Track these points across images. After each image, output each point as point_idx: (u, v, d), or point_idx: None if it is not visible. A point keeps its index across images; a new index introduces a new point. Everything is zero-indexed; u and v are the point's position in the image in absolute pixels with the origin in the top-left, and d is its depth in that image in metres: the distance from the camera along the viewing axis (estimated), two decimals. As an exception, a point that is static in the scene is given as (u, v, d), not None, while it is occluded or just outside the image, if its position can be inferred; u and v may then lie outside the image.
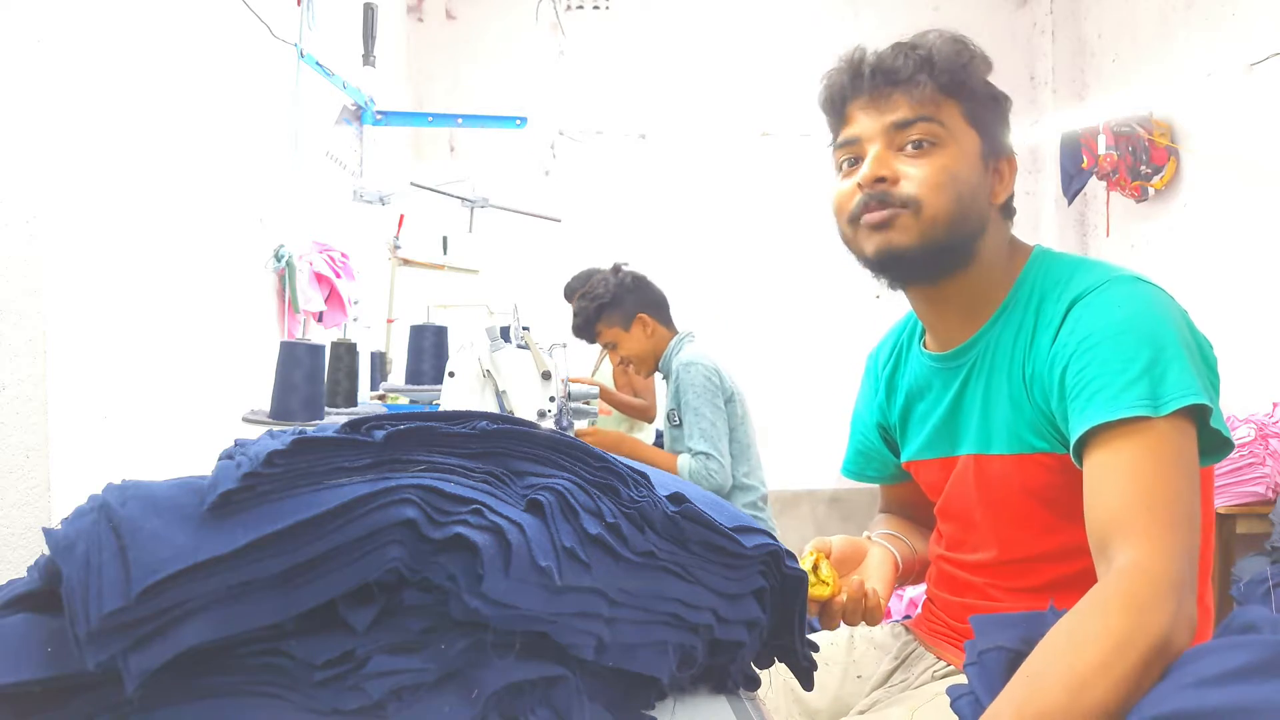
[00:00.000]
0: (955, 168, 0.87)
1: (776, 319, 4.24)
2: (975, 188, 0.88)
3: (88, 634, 0.41)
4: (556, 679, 0.50)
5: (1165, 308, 0.81)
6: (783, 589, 0.66)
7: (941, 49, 0.89)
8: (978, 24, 4.14)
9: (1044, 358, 0.84)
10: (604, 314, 2.21)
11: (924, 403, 1.01)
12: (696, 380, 2.09)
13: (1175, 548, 0.69)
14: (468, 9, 4.20)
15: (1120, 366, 0.75)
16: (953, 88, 0.88)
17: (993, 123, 0.91)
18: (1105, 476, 0.74)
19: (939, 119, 0.88)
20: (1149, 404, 0.73)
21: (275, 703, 0.45)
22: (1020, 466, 0.88)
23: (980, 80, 0.91)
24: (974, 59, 0.91)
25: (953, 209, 0.86)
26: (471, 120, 2.41)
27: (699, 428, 2.05)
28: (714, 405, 2.08)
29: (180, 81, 1.64)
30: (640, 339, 2.21)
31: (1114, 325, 0.78)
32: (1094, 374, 0.77)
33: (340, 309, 2.36)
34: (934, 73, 0.88)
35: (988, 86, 0.92)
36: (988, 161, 0.90)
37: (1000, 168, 0.92)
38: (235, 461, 0.48)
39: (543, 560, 0.49)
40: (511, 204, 2.28)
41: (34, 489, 0.92)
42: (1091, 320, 0.80)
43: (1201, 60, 3.07)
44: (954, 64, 0.88)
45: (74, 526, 0.46)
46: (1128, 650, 0.62)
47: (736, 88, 4.25)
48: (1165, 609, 0.65)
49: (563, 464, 0.57)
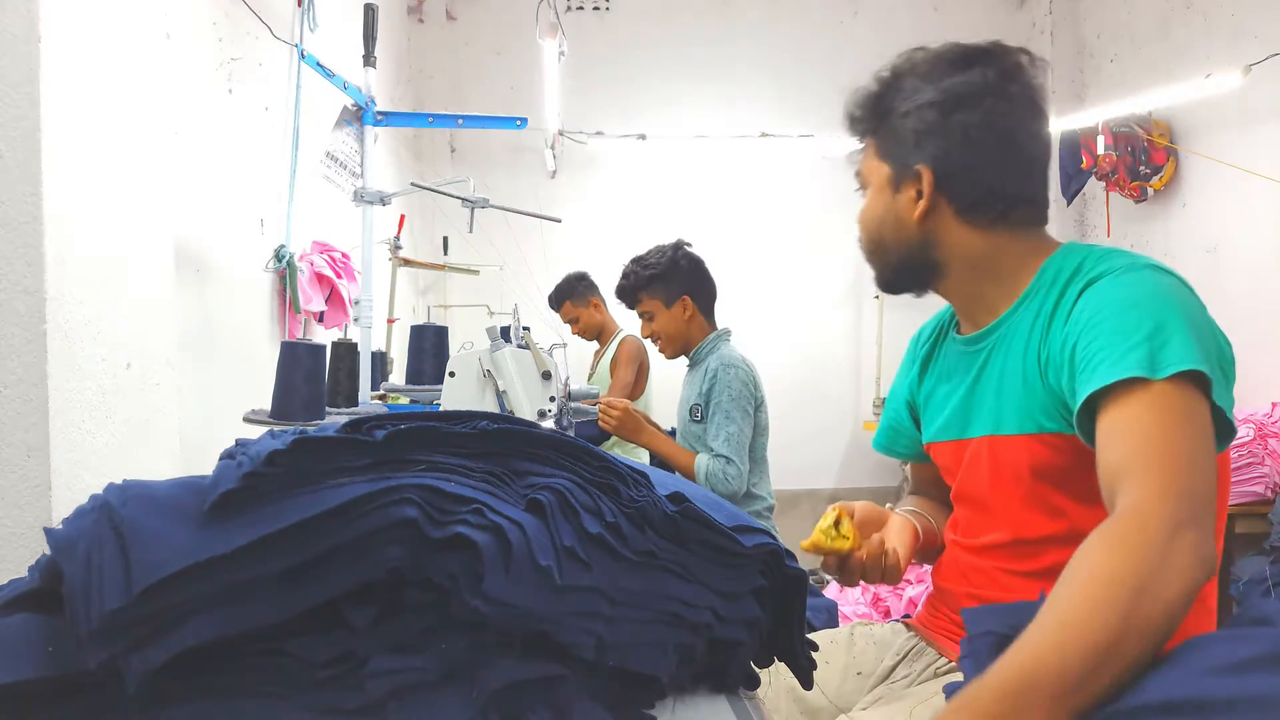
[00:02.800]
0: (867, 208, 1.00)
1: (776, 318, 4.24)
2: (883, 218, 0.97)
3: (89, 633, 0.41)
4: (556, 678, 0.50)
5: (1177, 291, 0.82)
6: (782, 588, 0.66)
7: (861, 96, 0.99)
8: (977, 24, 4.14)
9: (1058, 337, 0.85)
10: (652, 284, 2.18)
11: (948, 385, 1.03)
12: (734, 384, 2.06)
13: (1169, 489, 0.67)
14: (468, 10, 4.20)
15: (1123, 336, 0.77)
16: (871, 129, 0.99)
17: (902, 145, 0.94)
18: (1109, 436, 0.75)
19: (862, 169, 1.01)
20: (1147, 366, 0.73)
21: (276, 702, 0.45)
22: (1030, 447, 0.89)
23: (907, 102, 0.94)
24: (887, 90, 0.96)
25: (868, 244, 1.01)
26: (472, 121, 2.41)
27: (726, 431, 2.03)
28: (744, 412, 2.06)
29: (181, 82, 1.64)
30: (678, 319, 2.18)
31: (1122, 302, 0.80)
32: (1099, 346, 0.78)
33: (341, 309, 2.36)
34: (854, 125, 1.00)
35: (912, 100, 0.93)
36: (897, 186, 0.96)
37: (915, 186, 0.94)
38: (236, 461, 0.48)
39: (543, 559, 0.49)
40: (511, 204, 2.28)
41: (35, 488, 0.91)
42: (1101, 299, 0.82)
43: (1200, 61, 3.07)
44: (866, 108, 0.98)
45: (75, 526, 0.46)
46: (1115, 588, 0.61)
47: (736, 88, 4.25)
48: (1153, 547, 0.63)
49: (563, 464, 0.58)
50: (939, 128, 0.91)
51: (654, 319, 2.20)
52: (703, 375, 2.13)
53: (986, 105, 0.90)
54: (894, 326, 4.25)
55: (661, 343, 2.22)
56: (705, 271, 2.24)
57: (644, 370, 3.17)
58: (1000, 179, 0.92)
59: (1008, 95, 0.91)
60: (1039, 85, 0.94)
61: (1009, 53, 0.93)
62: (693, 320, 2.20)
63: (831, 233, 4.31)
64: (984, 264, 0.94)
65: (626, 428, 2.11)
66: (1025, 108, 0.92)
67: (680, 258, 2.20)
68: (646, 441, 2.12)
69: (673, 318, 2.18)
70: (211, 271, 1.82)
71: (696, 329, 2.21)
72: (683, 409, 2.23)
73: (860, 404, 4.32)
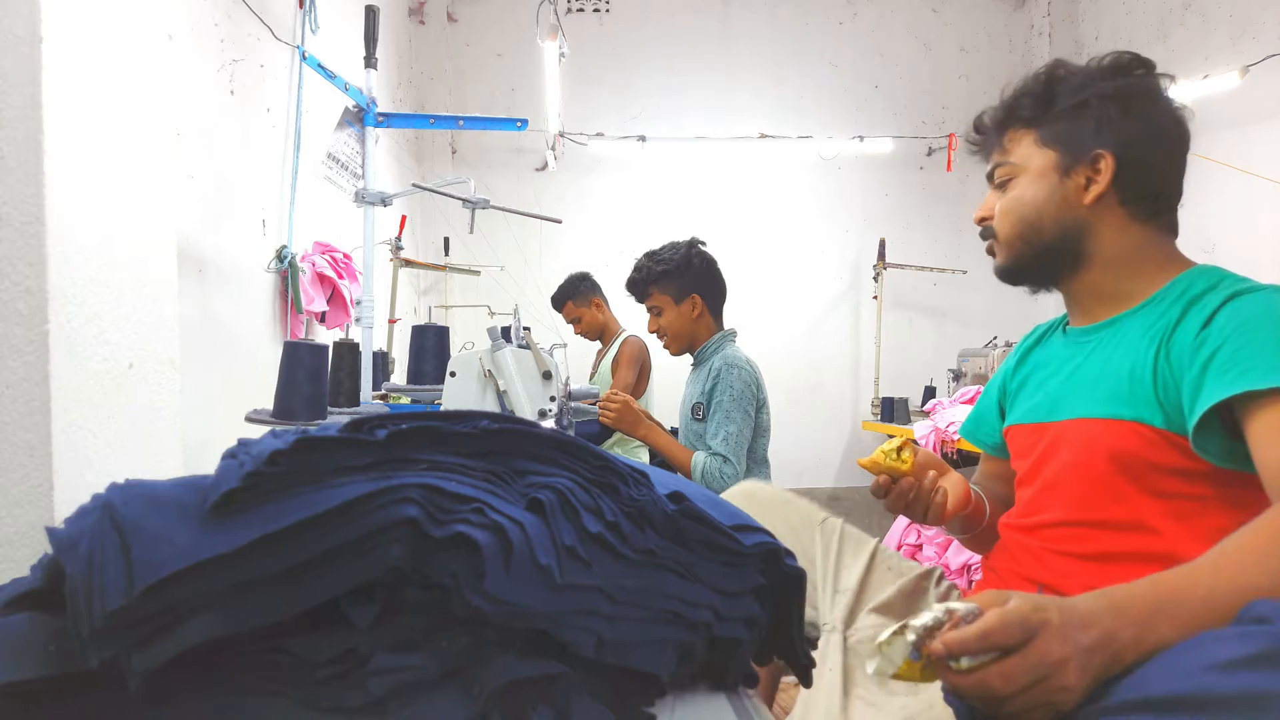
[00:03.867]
0: (1025, 194, 1.02)
1: (776, 318, 4.24)
2: (1046, 200, 1.00)
3: (91, 632, 0.41)
4: (557, 676, 0.50)
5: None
6: (781, 587, 0.66)
7: (1021, 90, 1.03)
8: (975, 25, 4.14)
9: (1192, 337, 0.87)
10: (664, 279, 2.19)
11: (1044, 372, 1.07)
12: (737, 384, 2.07)
13: None
14: (469, 11, 4.21)
15: (1275, 347, 0.80)
16: (1030, 120, 1.01)
17: (1074, 133, 0.98)
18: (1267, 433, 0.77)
19: (1010, 159, 1.03)
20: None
21: (277, 700, 0.46)
22: (1115, 431, 0.92)
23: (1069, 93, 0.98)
24: (1053, 82, 1.00)
25: (1020, 228, 1.02)
26: (472, 122, 2.41)
27: (726, 430, 2.04)
28: (745, 413, 2.06)
29: (183, 83, 1.64)
30: (686, 316, 2.19)
31: (1274, 316, 0.83)
32: (1252, 352, 0.80)
33: (343, 309, 2.37)
34: (1008, 119, 1.04)
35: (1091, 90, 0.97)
36: (1067, 171, 0.99)
37: (1086, 172, 0.98)
38: (238, 461, 0.48)
39: (543, 558, 0.49)
40: (512, 205, 2.28)
41: (36, 488, 0.92)
42: (1253, 310, 0.85)
43: (1198, 62, 3.07)
44: (1030, 97, 1.01)
45: (77, 525, 0.46)
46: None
47: (736, 88, 4.25)
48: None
49: (563, 463, 0.58)
50: (1121, 118, 0.96)
51: (662, 314, 2.20)
52: (706, 374, 2.13)
53: (1164, 106, 0.97)
54: (893, 327, 4.25)
55: (667, 339, 2.22)
56: (717, 272, 2.24)
57: (645, 371, 3.17)
58: (1168, 176, 0.98)
59: (1173, 101, 0.99)
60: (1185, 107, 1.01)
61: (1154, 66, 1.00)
62: (700, 319, 2.20)
63: (831, 233, 4.31)
64: (1126, 260, 0.99)
65: (625, 420, 2.11)
66: (1183, 117, 0.99)
67: (694, 255, 2.20)
68: (644, 435, 2.12)
69: (681, 314, 2.19)
70: (214, 272, 1.82)
71: (703, 328, 2.21)
72: (685, 407, 2.23)
73: (859, 404, 4.32)
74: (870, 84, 4.24)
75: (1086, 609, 0.63)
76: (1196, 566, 0.66)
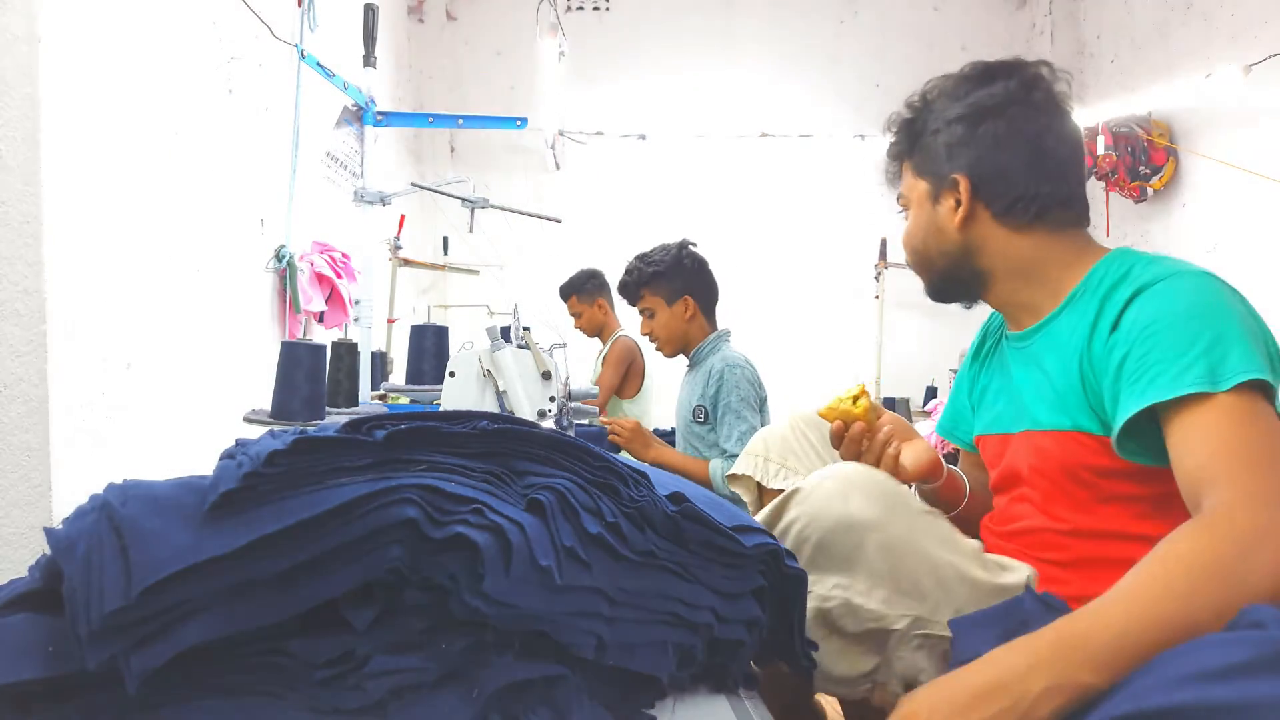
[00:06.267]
0: (910, 226, 1.05)
1: (776, 318, 4.24)
2: (927, 230, 1.02)
3: (89, 634, 0.41)
4: (557, 678, 0.50)
5: (1229, 298, 0.83)
6: (782, 588, 0.66)
7: (895, 122, 1.05)
8: (977, 25, 4.14)
9: (1104, 342, 0.86)
10: (655, 281, 2.19)
11: (999, 381, 1.06)
12: (742, 384, 2.08)
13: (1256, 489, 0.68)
14: (468, 10, 4.20)
15: (1182, 349, 0.78)
16: (906, 151, 1.04)
17: (936, 159, 0.99)
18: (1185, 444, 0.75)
19: (903, 190, 1.06)
20: (1208, 381, 0.75)
21: (276, 702, 0.45)
22: (1060, 442, 0.91)
23: (937, 120, 0.99)
24: (918, 114, 1.02)
25: (914, 259, 1.06)
26: (472, 121, 2.41)
27: (739, 430, 2.04)
28: (754, 410, 2.08)
29: (181, 82, 1.64)
30: (678, 318, 2.19)
31: (1177, 313, 0.80)
32: (1157, 357, 0.79)
33: (341, 309, 2.36)
34: (891, 150, 1.07)
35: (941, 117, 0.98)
36: (936, 198, 1.00)
37: (953, 196, 0.98)
38: (236, 461, 0.48)
39: (543, 559, 0.49)
40: (511, 204, 2.28)
41: (35, 489, 0.91)
42: (1155, 308, 0.82)
43: (1200, 61, 3.07)
44: (901, 133, 1.04)
45: (75, 526, 0.46)
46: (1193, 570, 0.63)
47: (736, 88, 4.25)
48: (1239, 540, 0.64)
49: (563, 464, 0.58)
50: (969, 137, 0.96)
51: (655, 316, 2.20)
52: (706, 377, 2.13)
53: (1011, 113, 0.95)
54: (894, 326, 4.25)
55: (660, 341, 2.22)
56: (709, 272, 2.24)
57: (637, 370, 3.17)
58: (1033, 180, 0.95)
59: (1031, 102, 0.96)
60: (1061, 92, 0.98)
61: (1029, 65, 0.98)
62: (693, 320, 2.20)
63: (832, 232, 4.31)
64: (1027, 268, 0.97)
65: (636, 444, 2.14)
66: (1050, 112, 0.96)
67: (685, 256, 2.20)
68: (654, 457, 2.14)
69: (674, 316, 2.19)
70: (212, 271, 1.82)
71: (697, 329, 2.21)
72: (683, 409, 2.23)
73: (860, 404, 4.32)
74: (871, 83, 4.24)
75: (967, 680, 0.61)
76: (1104, 605, 0.63)
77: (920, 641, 0.82)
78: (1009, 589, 0.83)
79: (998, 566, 0.86)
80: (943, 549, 0.84)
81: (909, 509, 0.85)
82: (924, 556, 0.83)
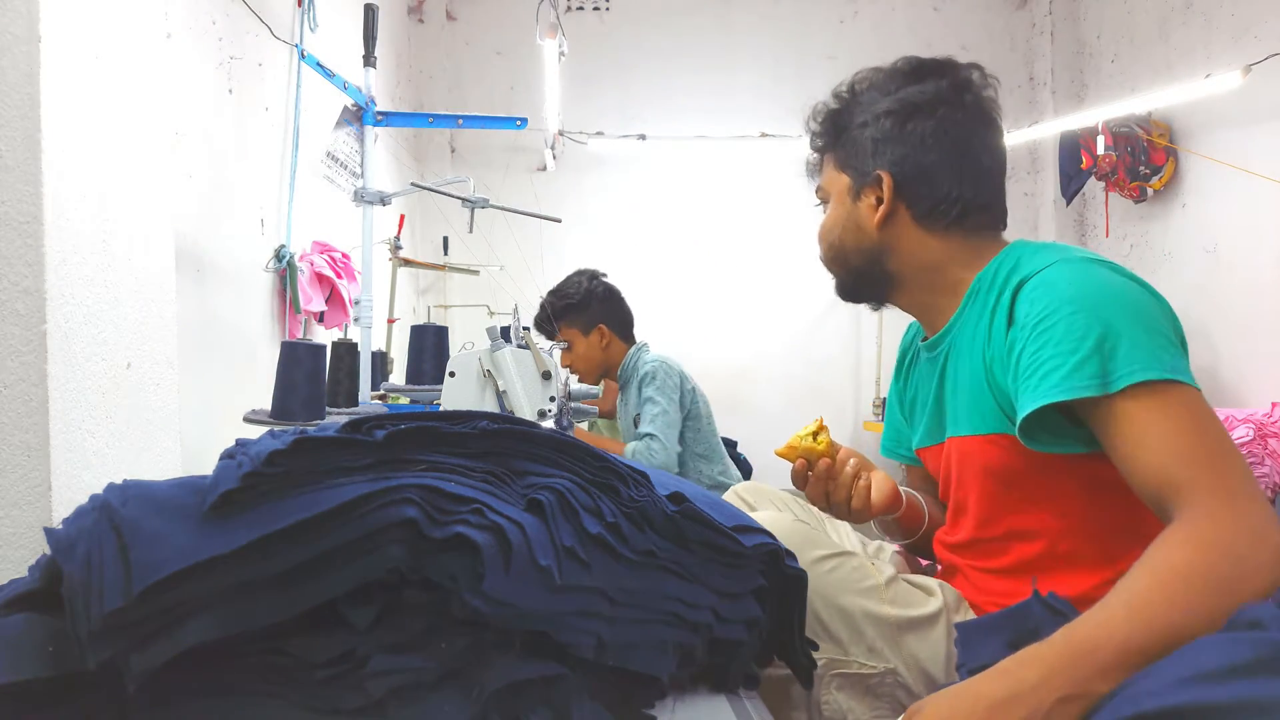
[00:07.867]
0: (828, 219, 1.03)
1: (775, 318, 4.24)
2: (845, 226, 1.00)
3: (89, 633, 0.41)
4: (556, 678, 0.50)
5: (1114, 285, 0.80)
6: (782, 588, 0.66)
7: (819, 112, 1.03)
8: (977, 24, 4.14)
9: (1001, 340, 0.85)
10: (568, 314, 2.31)
11: (923, 389, 1.05)
12: (659, 374, 2.20)
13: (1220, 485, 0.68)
14: (468, 10, 4.20)
15: (1073, 345, 0.76)
16: (829, 144, 1.02)
17: (861, 154, 0.97)
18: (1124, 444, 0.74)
19: (822, 183, 1.04)
20: (1099, 384, 0.74)
21: (276, 701, 0.45)
22: (980, 446, 0.90)
23: (864, 113, 0.97)
24: (845, 105, 1.00)
25: (828, 253, 1.04)
26: (472, 121, 2.40)
27: (650, 414, 2.15)
28: (669, 398, 2.18)
29: (181, 82, 1.64)
30: (594, 347, 2.32)
31: (1064, 306, 0.79)
32: (1048, 354, 0.77)
33: (341, 309, 2.36)
34: (814, 142, 1.05)
35: (869, 110, 0.96)
36: (857, 194, 0.98)
37: (875, 193, 0.96)
38: (236, 461, 0.48)
39: (543, 559, 0.49)
40: (511, 204, 2.28)
41: (34, 488, 0.91)
42: (1043, 301, 0.81)
43: (1200, 61, 3.07)
44: (825, 124, 1.02)
45: (75, 526, 0.46)
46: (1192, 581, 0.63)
47: (736, 88, 4.25)
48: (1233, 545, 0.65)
49: (563, 463, 0.58)
50: (896, 134, 0.95)
51: (572, 348, 2.31)
52: (635, 388, 2.26)
53: (941, 113, 0.94)
54: (894, 326, 4.24)
55: (581, 372, 2.36)
56: (621, 299, 2.37)
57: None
58: (956, 184, 0.94)
59: (961, 104, 0.95)
60: (990, 99, 0.97)
61: (961, 66, 0.97)
62: (610, 347, 2.33)
63: (831, 233, 4.31)
64: (934, 272, 0.96)
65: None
66: (978, 118, 0.95)
67: (596, 287, 2.34)
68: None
69: (590, 345, 2.32)
70: (212, 271, 1.82)
71: (615, 353, 2.35)
72: (626, 423, 2.34)
73: (860, 404, 4.32)
74: (870, 83, 4.25)
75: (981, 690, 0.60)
76: (1108, 614, 0.63)
77: (840, 682, 0.83)
78: (918, 621, 0.86)
79: (912, 595, 0.88)
80: (847, 594, 0.85)
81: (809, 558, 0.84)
82: (827, 602, 0.84)
